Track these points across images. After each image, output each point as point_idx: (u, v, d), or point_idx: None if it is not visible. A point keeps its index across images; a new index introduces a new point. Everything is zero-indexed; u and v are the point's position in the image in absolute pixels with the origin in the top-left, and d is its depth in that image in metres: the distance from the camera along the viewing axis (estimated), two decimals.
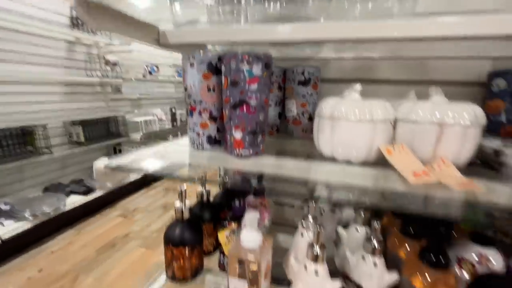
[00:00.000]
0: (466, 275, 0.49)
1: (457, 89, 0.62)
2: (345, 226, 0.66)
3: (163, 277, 0.61)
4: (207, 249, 0.66)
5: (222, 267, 0.62)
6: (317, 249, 0.47)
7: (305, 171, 0.48)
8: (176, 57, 3.80)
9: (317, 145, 0.51)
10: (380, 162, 0.46)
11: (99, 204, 2.44)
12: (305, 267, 0.48)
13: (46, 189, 2.27)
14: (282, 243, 0.79)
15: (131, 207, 2.56)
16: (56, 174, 2.44)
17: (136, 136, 2.94)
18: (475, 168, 0.46)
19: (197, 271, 0.60)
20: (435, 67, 0.62)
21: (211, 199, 0.71)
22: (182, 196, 0.56)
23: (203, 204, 0.67)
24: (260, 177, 0.77)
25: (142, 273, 1.67)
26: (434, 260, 0.44)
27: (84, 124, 2.45)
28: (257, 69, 0.44)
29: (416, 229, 0.53)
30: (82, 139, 2.43)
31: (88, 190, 2.37)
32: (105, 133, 2.72)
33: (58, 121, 2.36)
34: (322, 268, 0.47)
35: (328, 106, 0.46)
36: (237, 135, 0.47)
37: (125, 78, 2.76)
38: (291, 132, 0.71)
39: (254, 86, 0.44)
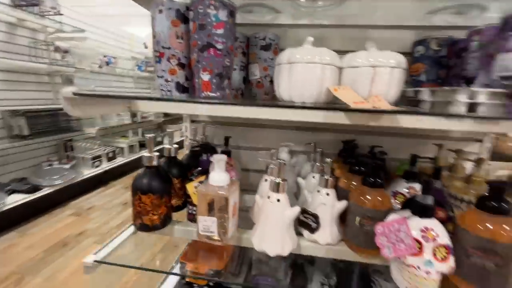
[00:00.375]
0: (399, 205, 0.60)
1: None
2: (303, 178, 0.74)
3: (131, 229, 0.61)
4: (176, 204, 0.68)
5: (191, 217, 0.65)
6: (279, 180, 0.53)
7: (268, 113, 0.54)
8: (136, 50, 3.64)
9: (278, 93, 0.58)
10: (329, 103, 0.54)
11: (48, 203, 2.20)
12: (269, 197, 0.53)
13: None
14: (248, 202, 0.84)
15: (85, 205, 2.36)
16: None
17: (91, 130, 2.74)
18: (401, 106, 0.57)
19: (165, 221, 0.61)
20: (373, 37, 0.74)
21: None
22: (149, 144, 0.57)
23: (170, 160, 0.68)
24: (227, 140, 0.81)
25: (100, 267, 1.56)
26: (373, 182, 0.53)
27: (28, 115, 2.20)
28: (222, 15, 0.49)
29: (360, 169, 0.63)
30: (25, 132, 2.18)
31: (33, 189, 2.13)
32: (53, 127, 2.47)
33: None
34: (283, 197, 0.53)
35: (286, 53, 0.53)
36: (205, 77, 0.51)
37: (79, 68, 2.56)
38: (254, 95, 0.77)
39: (220, 31, 0.49)
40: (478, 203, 0.45)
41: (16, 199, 1.95)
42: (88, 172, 2.63)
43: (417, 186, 0.61)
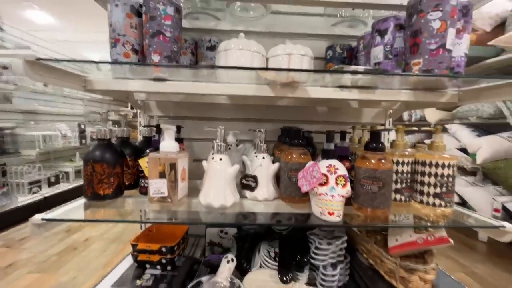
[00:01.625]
0: None
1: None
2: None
3: (81, 200, 0.63)
4: (128, 182, 0.72)
5: (144, 190, 0.69)
6: (220, 143, 0.64)
7: (210, 88, 0.66)
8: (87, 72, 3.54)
9: (218, 74, 0.70)
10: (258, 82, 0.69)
11: None
12: (213, 158, 0.63)
13: None
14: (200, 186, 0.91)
15: (17, 236, 2.07)
16: None
17: (31, 153, 2.49)
18: None
19: (117, 192, 0.65)
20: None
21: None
22: (103, 118, 0.63)
23: (123, 140, 0.74)
24: (179, 128, 0.90)
25: None
26: (295, 143, 0.67)
27: None
28: (170, 10, 0.61)
29: (286, 138, 0.77)
30: None
31: None
32: None
33: None
34: (225, 157, 0.63)
35: (223, 43, 0.67)
36: (155, 58, 0.62)
37: (19, 86, 2.40)
38: None
39: (168, 22, 0.61)
40: (365, 146, 0.61)
41: None
42: (24, 199, 2.34)
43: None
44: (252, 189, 0.68)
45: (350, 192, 0.57)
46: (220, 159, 0.62)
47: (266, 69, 0.64)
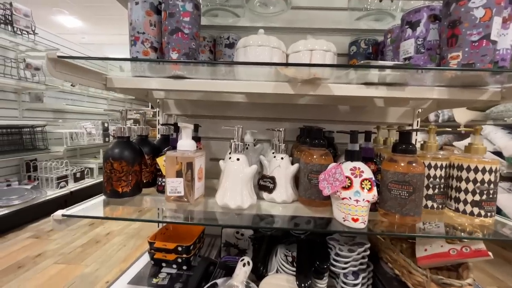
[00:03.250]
0: None
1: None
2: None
3: (101, 197, 0.64)
4: (146, 180, 0.72)
5: (161, 188, 0.69)
6: (238, 142, 0.62)
7: (228, 86, 0.64)
8: (111, 73, 3.69)
9: (236, 74, 0.68)
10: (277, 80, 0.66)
11: (3, 225, 2.01)
12: (230, 158, 0.61)
13: None
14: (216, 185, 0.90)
15: (46, 227, 2.19)
16: None
17: (59, 149, 2.63)
18: None
19: (135, 190, 0.65)
20: None
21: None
22: (122, 116, 0.64)
23: (142, 138, 0.74)
24: (196, 127, 0.89)
25: (61, 286, 1.43)
26: (316, 143, 0.64)
27: None
28: (189, 6, 0.60)
29: (307, 138, 0.74)
30: None
31: None
32: (16, 145, 2.35)
33: None
34: (242, 157, 0.61)
35: (242, 40, 0.65)
36: (174, 56, 0.61)
37: (50, 86, 2.54)
38: None
39: (187, 19, 0.60)
40: (393, 148, 0.57)
41: None
42: (52, 193, 2.47)
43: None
44: (270, 190, 0.66)
45: (377, 197, 0.52)
46: (238, 159, 0.61)
47: (286, 64, 0.61)
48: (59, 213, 0.52)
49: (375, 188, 0.52)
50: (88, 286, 1.45)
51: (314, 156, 0.63)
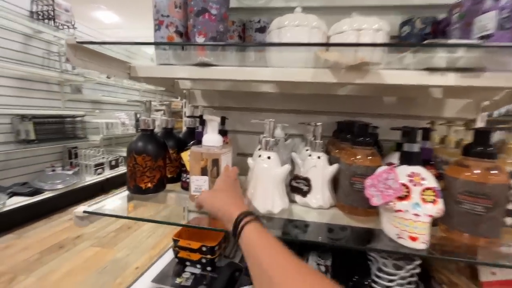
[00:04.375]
0: None
1: None
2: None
3: (125, 193, 0.62)
4: (171, 175, 0.69)
5: (185, 185, 0.65)
6: (268, 138, 0.54)
7: (259, 74, 0.56)
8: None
9: (268, 61, 0.60)
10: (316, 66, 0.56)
11: (48, 208, 2.20)
12: (259, 156, 0.54)
13: None
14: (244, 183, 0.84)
15: None
16: None
17: (96, 138, 2.79)
18: None
19: (159, 186, 0.61)
20: None
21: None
22: (146, 107, 0.60)
23: (167, 131, 0.70)
24: (223, 120, 0.83)
25: (94, 269, 1.52)
26: (361, 140, 0.54)
27: (36, 121, 2.27)
28: None
29: (348, 134, 0.64)
30: (32, 136, 2.24)
31: (34, 192, 2.14)
32: (60, 134, 2.53)
33: (5, 117, 2.16)
34: (274, 155, 0.54)
35: (276, 20, 0.57)
36: (200, 40, 0.55)
37: (87, 78, 2.68)
38: None
39: None
40: (465, 150, 0.45)
41: (16, 202, 1.95)
42: (90, 179, 2.65)
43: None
44: (303, 193, 0.58)
45: (442, 212, 0.42)
46: (269, 158, 0.53)
47: (329, 45, 0.51)
48: (80, 209, 0.49)
49: (440, 201, 0.42)
50: (119, 271, 1.52)
51: (358, 156, 0.53)
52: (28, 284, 1.38)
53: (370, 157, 0.53)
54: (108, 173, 2.86)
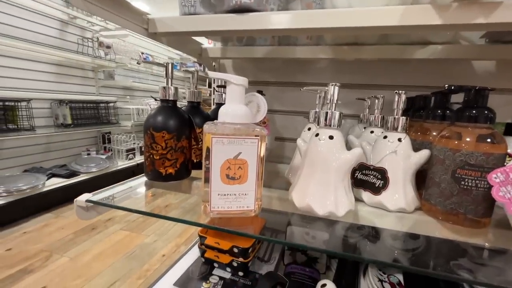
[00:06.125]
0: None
1: None
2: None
3: (142, 179, 0.51)
4: (197, 160, 0.56)
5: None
6: (331, 110, 0.38)
7: (319, 19, 0.40)
8: (173, 50, 3.78)
9: (330, 4, 0.44)
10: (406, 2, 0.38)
11: (83, 189, 2.25)
12: (317, 135, 0.39)
13: (26, 172, 2.12)
14: (283, 172, 0.69)
15: None
16: (38, 157, 2.29)
17: (127, 124, 2.83)
18: None
19: (182, 172, 0.49)
20: None
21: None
22: (167, 71, 0.47)
23: (193, 106, 0.57)
24: (260, 94, 0.68)
25: (123, 253, 1.51)
26: (475, 115, 0.36)
27: (72, 106, 2.34)
28: None
29: (447, 108, 0.45)
30: (69, 120, 2.31)
31: (71, 174, 2.22)
32: (94, 119, 2.60)
33: (45, 102, 2.25)
34: (338, 133, 0.38)
35: None
36: None
37: (119, 64, 2.69)
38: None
39: None
40: None
41: (55, 182, 2.03)
42: (122, 163, 2.70)
43: None
44: (376, 189, 0.42)
45: None
46: (331, 137, 0.37)
47: None
48: (82, 198, 0.39)
49: None
50: (146, 257, 1.49)
51: (468, 139, 0.35)
52: (62, 263, 1.40)
53: (490, 141, 0.34)
54: (138, 159, 2.91)
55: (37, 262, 1.39)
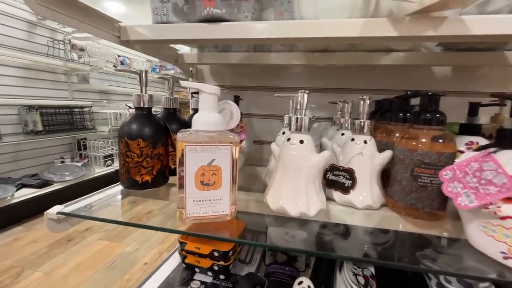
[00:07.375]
0: None
1: None
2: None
3: (118, 187, 0.50)
4: (174, 165, 0.56)
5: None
6: (300, 116, 0.40)
7: (287, 29, 0.42)
8: None
9: (298, 13, 0.46)
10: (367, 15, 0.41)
11: (57, 200, 2.16)
12: (289, 139, 0.41)
13: None
14: (261, 175, 0.71)
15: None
16: (5, 167, 2.15)
17: (104, 129, 2.72)
18: None
19: (158, 179, 0.49)
20: None
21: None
22: (141, 79, 0.47)
23: (170, 112, 0.57)
24: (236, 99, 0.70)
25: (102, 263, 1.45)
26: (429, 118, 0.39)
27: (43, 112, 2.21)
28: None
29: (407, 112, 0.49)
30: (39, 127, 2.18)
31: (43, 184, 2.10)
32: (68, 125, 2.47)
33: (13, 108, 2.11)
34: (307, 138, 0.40)
35: None
36: None
37: (94, 67, 2.59)
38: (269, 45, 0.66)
39: None
40: None
41: (25, 193, 1.92)
42: (99, 170, 2.60)
43: (480, 140, 0.46)
44: (345, 189, 0.44)
45: None
46: (301, 142, 0.40)
47: None
48: (53, 210, 0.38)
49: None
50: (127, 266, 1.45)
51: (424, 140, 0.39)
52: (35, 279, 1.33)
53: (442, 141, 0.38)
54: (117, 165, 2.81)
55: (7, 279, 1.30)
